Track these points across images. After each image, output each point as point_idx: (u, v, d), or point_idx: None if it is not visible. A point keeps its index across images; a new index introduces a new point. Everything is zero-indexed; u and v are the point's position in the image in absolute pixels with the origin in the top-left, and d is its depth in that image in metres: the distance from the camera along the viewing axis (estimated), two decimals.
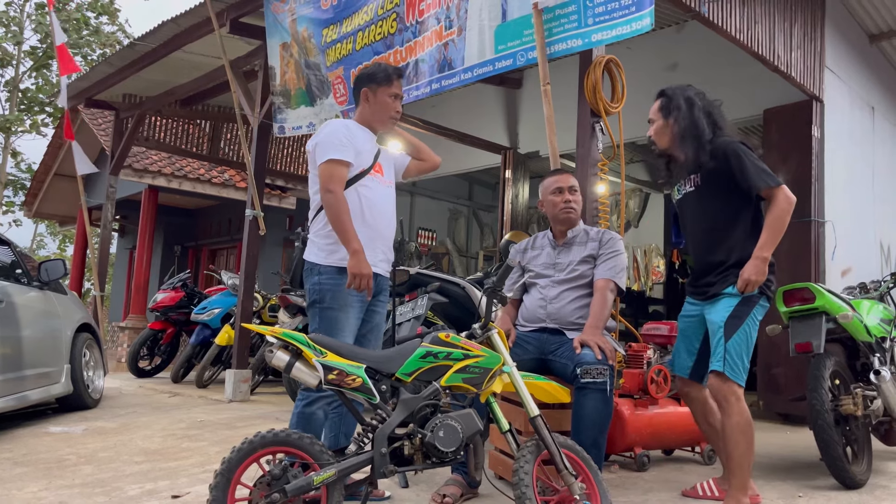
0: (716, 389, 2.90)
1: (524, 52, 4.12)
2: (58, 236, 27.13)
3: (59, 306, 5.32)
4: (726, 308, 2.91)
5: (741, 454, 2.84)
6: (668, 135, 3.10)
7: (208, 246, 13.15)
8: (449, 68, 4.51)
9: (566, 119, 4.39)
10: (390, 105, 3.08)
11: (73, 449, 4.02)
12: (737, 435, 2.84)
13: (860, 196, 6.72)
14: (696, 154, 3.00)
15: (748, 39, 5.00)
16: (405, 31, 4.87)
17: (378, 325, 3.09)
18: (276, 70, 6.15)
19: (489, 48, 4.29)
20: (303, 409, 2.84)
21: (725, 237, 3.00)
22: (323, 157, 2.88)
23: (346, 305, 2.88)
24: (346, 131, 2.95)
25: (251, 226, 6.38)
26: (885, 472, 3.93)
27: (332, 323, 2.84)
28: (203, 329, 7.17)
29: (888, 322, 4.04)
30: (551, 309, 3.24)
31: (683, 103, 3.05)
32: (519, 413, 2.95)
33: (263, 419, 5.06)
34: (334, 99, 5.65)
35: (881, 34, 7.02)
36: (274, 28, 6.05)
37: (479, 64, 4.37)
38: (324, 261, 2.91)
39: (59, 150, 12.24)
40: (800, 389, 3.74)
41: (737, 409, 2.84)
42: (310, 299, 2.94)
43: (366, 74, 3.10)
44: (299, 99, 6.01)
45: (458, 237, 12.43)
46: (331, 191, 2.84)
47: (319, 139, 2.93)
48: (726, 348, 2.85)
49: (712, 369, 2.90)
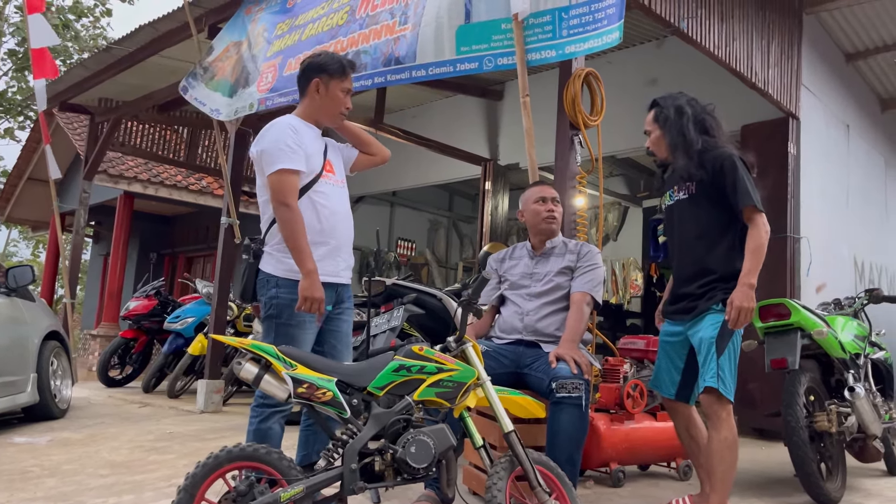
0: (708, 406, 2.85)
1: (492, 58, 4.01)
2: (31, 242, 26.68)
3: (27, 313, 5.19)
4: (714, 325, 2.86)
5: (725, 470, 2.81)
6: (664, 144, 3.09)
7: (185, 253, 12.98)
8: (396, 63, 4.34)
9: (546, 132, 4.38)
10: (341, 100, 2.88)
11: (38, 461, 3.90)
12: (724, 450, 2.81)
13: (835, 213, 6.80)
14: (686, 165, 2.98)
15: (726, 56, 5.04)
16: (353, 23, 4.74)
17: (346, 333, 2.99)
18: (214, 53, 6.03)
19: (449, 48, 4.13)
20: (258, 427, 2.71)
21: (714, 247, 2.96)
22: (272, 167, 2.70)
23: (303, 321, 2.75)
24: (294, 135, 2.76)
25: (227, 234, 6.30)
26: (860, 489, 3.94)
27: (288, 339, 2.70)
28: (176, 338, 7.05)
29: (862, 338, 4.06)
30: (528, 321, 3.21)
31: (673, 113, 3.02)
32: (494, 428, 2.91)
33: (235, 431, 4.96)
34: (257, 87, 5.44)
35: (857, 53, 7.13)
36: (234, 26, 5.94)
37: (436, 63, 4.20)
38: (282, 273, 2.77)
39: (33, 155, 12.07)
40: (775, 405, 3.74)
41: (727, 424, 2.81)
42: (265, 313, 2.80)
43: (316, 64, 2.87)
44: (218, 86, 5.86)
45: (437, 248, 12.40)
46: (285, 204, 2.67)
47: (264, 146, 2.75)
48: (719, 364, 2.80)
49: (707, 385, 2.83)
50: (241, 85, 5.63)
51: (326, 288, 2.77)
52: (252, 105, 5.43)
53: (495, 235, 8.72)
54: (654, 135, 3.12)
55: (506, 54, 3.95)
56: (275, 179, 2.69)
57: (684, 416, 3.14)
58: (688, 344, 3.01)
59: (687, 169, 2.98)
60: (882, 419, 3.96)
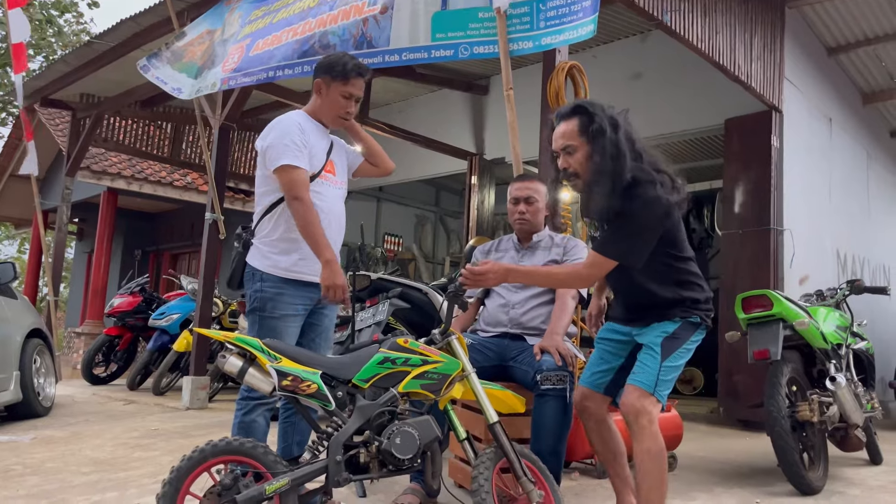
0: (629, 407, 2.42)
1: (468, 46, 3.98)
2: (15, 240, 26.39)
3: (9, 311, 5.14)
4: (663, 330, 2.50)
5: (650, 487, 2.39)
6: (588, 167, 2.46)
7: (170, 250, 12.90)
8: (368, 46, 4.29)
9: (530, 126, 4.39)
10: (341, 105, 2.85)
11: (20, 458, 3.87)
12: (647, 463, 2.38)
13: (817, 205, 6.86)
14: (607, 205, 2.41)
15: (709, 49, 5.06)
16: (324, 4, 4.70)
17: (327, 328, 3.00)
18: (186, 37, 5.98)
19: (424, 34, 4.09)
20: (242, 419, 2.71)
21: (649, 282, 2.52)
22: (278, 162, 2.70)
23: (287, 315, 2.76)
24: (300, 133, 2.76)
25: (211, 230, 6.27)
26: (841, 478, 3.98)
27: (272, 333, 2.70)
28: (161, 335, 7.01)
29: (844, 329, 4.10)
30: (514, 314, 3.22)
31: (608, 126, 2.40)
32: (479, 420, 2.91)
33: (221, 427, 4.94)
34: (222, 67, 5.38)
35: (839, 47, 7.19)
36: (212, 15, 5.91)
37: (410, 48, 4.17)
38: (267, 269, 2.77)
39: (15, 151, 11.92)
40: (759, 396, 3.78)
41: (649, 432, 2.39)
42: (250, 306, 2.80)
43: (323, 64, 2.87)
44: (185, 68, 5.82)
45: (424, 243, 12.38)
46: (298, 198, 2.67)
47: (271, 140, 2.75)
48: (662, 367, 2.44)
49: (635, 383, 2.45)
50: (206, 67, 5.58)
51: (310, 287, 2.79)
52: (214, 84, 5.37)
53: (482, 230, 8.72)
54: (579, 153, 2.46)
55: (482, 43, 3.94)
56: (283, 174, 2.70)
57: (596, 419, 2.72)
58: (632, 344, 2.65)
59: (607, 211, 2.44)
60: (864, 409, 4.00)
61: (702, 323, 2.56)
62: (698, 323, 2.55)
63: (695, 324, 2.54)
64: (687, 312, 2.53)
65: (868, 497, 3.54)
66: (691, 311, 2.53)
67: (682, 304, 2.52)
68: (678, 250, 2.53)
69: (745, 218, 6.22)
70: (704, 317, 2.56)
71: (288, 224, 2.76)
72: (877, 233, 8.49)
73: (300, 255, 2.76)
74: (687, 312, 2.53)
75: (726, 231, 6.44)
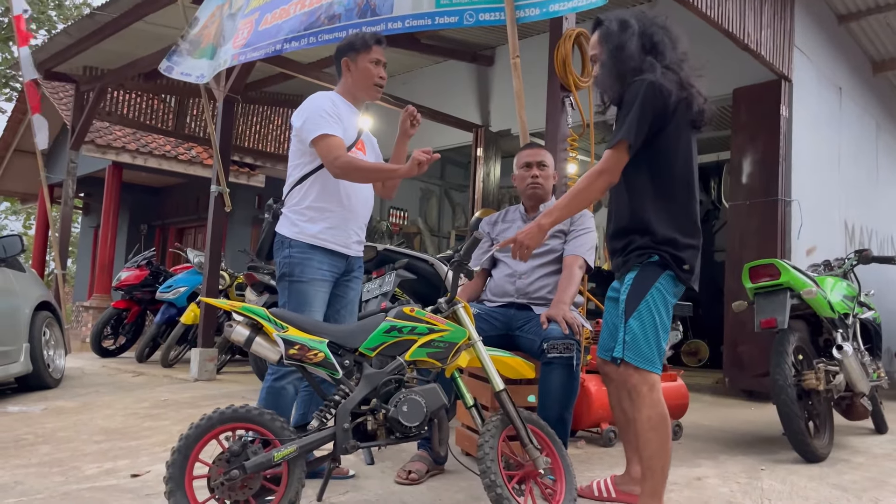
0: (622, 380, 2.42)
1: (473, 13, 3.92)
2: (21, 215, 26.46)
3: (17, 284, 5.17)
4: (627, 284, 2.40)
5: (651, 455, 2.32)
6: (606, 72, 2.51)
7: (175, 225, 12.92)
8: (372, 14, 4.27)
9: (536, 97, 4.35)
10: (372, 71, 2.96)
11: (31, 428, 3.92)
12: (647, 432, 2.31)
13: (826, 176, 6.80)
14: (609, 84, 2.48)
15: (718, 16, 4.99)
16: None
17: (352, 301, 3.05)
18: (200, 22, 5.97)
19: (428, 1, 4.06)
20: (272, 384, 2.79)
21: (631, 199, 2.46)
22: (315, 133, 2.78)
23: (315, 279, 2.83)
24: (332, 105, 2.86)
25: (217, 202, 6.26)
26: (847, 447, 4.00)
27: (301, 296, 2.80)
28: (168, 308, 7.06)
29: (851, 299, 4.09)
30: (520, 284, 3.21)
31: (616, 27, 2.46)
32: (485, 389, 2.93)
33: (229, 398, 4.99)
34: (233, 43, 5.37)
35: (849, 15, 7.07)
36: None
37: (413, 15, 4.13)
38: (295, 235, 2.85)
39: (20, 126, 11.92)
40: (764, 366, 3.78)
41: (647, 401, 2.31)
42: (279, 272, 2.89)
43: (344, 44, 3.00)
44: (204, 53, 5.82)
45: (429, 217, 12.36)
46: (339, 157, 2.75)
47: (307, 115, 2.83)
48: (626, 328, 2.35)
49: (613, 356, 2.42)
50: (219, 45, 5.58)
51: (336, 257, 2.88)
52: (226, 61, 5.38)
53: (487, 203, 8.70)
54: (599, 61, 2.53)
55: (488, 10, 3.89)
56: (321, 143, 2.78)
57: (616, 385, 2.74)
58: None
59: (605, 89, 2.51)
60: (870, 377, 4.01)
61: (665, 265, 2.36)
62: (659, 265, 2.36)
63: (655, 265, 2.36)
64: (643, 254, 2.37)
65: (873, 465, 3.56)
66: (651, 250, 2.36)
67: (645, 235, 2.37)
68: (673, 163, 2.41)
69: (753, 189, 6.17)
70: (668, 259, 2.35)
71: (318, 193, 2.87)
72: (885, 204, 8.43)
73: (328, 224, 2.86)
74: (643, 254, 2.37)
75: (733, 202, 6.40)
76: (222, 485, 2.10)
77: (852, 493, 2.98)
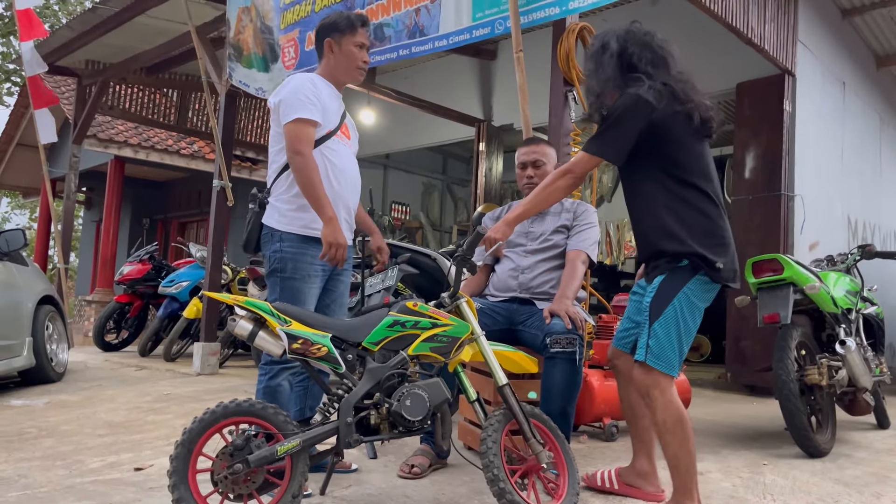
0: (637, 382, 2.41)
1: (502, 21, 4.06)
2: (25, 209, 26.46)
3: (20, 278, 5.18)
4: (654, 286, 2.40)
5: (672, 455, 2.34)
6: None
7: (178, 219, 12.93)
8: (421, 35, 4.40)
9: (540, 92, 4.33)
10: (356, 55, 2.86)
11: (35, 422, 3.93)
12: (663, 435, 2.34)
13: (829, 171, 6.78)
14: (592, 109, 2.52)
15: (722, 10, 4.96)
16: None
17: (342, 294, 2.99)
18: (231, 26, 6.04)
19: (466, 15, 4.19)
20: (268, 384, 2.73)
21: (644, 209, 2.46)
22: (289, 116, 2.68)
23: (309, 276, 2.74)
24: (312, 87, 2.75)
25: (219, 197, 6.27)
26: (849, 442, 4.00)
27: (294, 294, 2.71)
28: (171, 302, 7.07)
29: (854, 294, 4.09)
30: (523, 279, 3.21)
31: (598, 47, 2.51)
32: (488, 384, 2.93)
33: (231, 392, 5.00)
34: (282, 62, 5.50)
35: (853, 9, 7.03)
36: None
37: (455, 32, 4.29)
38: (286, 227, 2.75)
39: (22, 119, 11.92)
40: (766, 361, 3.78)
41: (661, 404, 2.32)
42: (269, 268, 2.78)
43: (328, 24, 2.86)
44: (251, 62, 5.87)
45: (431, 211, 12.37)
46: (300, 153, 2.65)
47: (283, 95, 2.74)
48: (650, 332, 2.35)
49: (635, 359, 2.43)
50: (270, 60, 5.68)
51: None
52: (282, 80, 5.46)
53: (489, 197, 8.69)
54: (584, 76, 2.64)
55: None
56: (291, 128, 2.68)
57: (625, 377, 2.73)
58: None
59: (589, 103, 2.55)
60: (872, 373, 4.00)
61: (695, 269, 2.33)
62: (689, 269, 2.33)
63: (684, 269, 2.33)
64: (673, 259, 2.35)
65: (875, 460, 3.56)
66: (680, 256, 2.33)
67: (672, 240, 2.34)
68: (682, 172, 2.38)
69: (756, 184, 6.16)
70: (698, 261, 2.31)
71: None
72: (889, 199, 8.41)
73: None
74: (673, 259, 2.35)
75: (736, 197, 6.39)
76: (226, 478, 2.10)
77: (854, 488, 2.98)
